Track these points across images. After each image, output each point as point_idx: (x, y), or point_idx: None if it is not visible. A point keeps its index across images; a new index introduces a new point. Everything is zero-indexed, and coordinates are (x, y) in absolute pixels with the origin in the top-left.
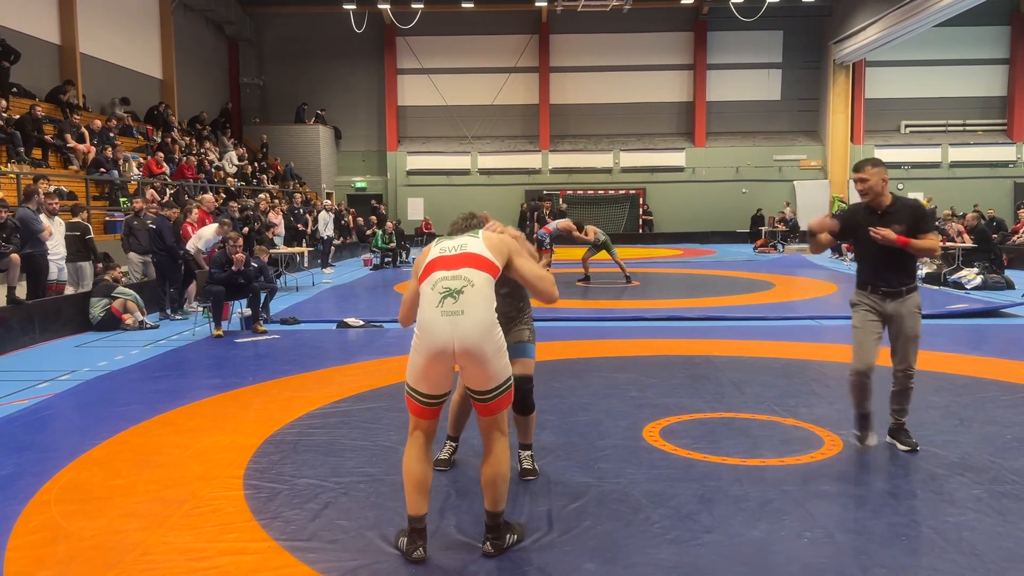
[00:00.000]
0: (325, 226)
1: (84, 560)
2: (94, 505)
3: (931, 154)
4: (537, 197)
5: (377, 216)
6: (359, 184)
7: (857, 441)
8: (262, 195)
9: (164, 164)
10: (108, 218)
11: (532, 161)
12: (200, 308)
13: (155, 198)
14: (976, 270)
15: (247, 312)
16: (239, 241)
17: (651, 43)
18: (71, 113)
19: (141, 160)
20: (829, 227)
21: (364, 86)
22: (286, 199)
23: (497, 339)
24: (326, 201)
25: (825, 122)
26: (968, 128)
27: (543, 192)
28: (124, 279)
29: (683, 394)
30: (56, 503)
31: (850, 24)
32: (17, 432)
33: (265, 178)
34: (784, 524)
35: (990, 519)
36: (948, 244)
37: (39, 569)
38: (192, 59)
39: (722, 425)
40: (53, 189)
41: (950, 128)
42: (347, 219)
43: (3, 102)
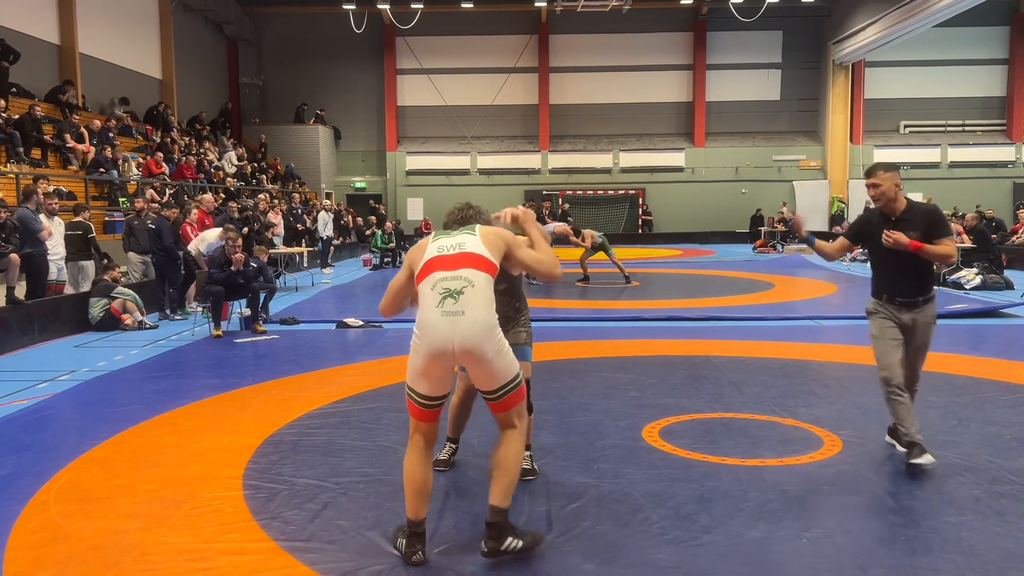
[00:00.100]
0: (324, 226)
1: (83, 560)
2: (93, 505)
3: (930, 154)
4: (540, 197)
5: (376, 216)
6: (358, 184)
7: (907, 465)
8: (261, 195)
9: (163, 164)
10: (107, 218)
11: (532, 161)
12: (199, 308)
13: (154, 198)
14: (975, 270)
15: (246, 312)
16: (238, 241)
17: (650, 43)
18: (70, 113)
19: (140, 160)
20: (801, 233)
21: (364, 86)
22: (285, 199)
23: (497, 339)
24: (325, 201)
25: (824, 122)
26: (967, 128)
27: (543, 192)
28: (124, 279)
29: (682, 394)
30: (55, 503)
31: (849, 24)
32: (16, 432)
33: (264, 178)
34: (783, 524)
35: (989, 519)
36: None
37: (38, 569)
38: (191, 59)
39: (721, 425)
40: (52, 189)
41: (949, 128)
42: (346, 219)
43: (2, 102)
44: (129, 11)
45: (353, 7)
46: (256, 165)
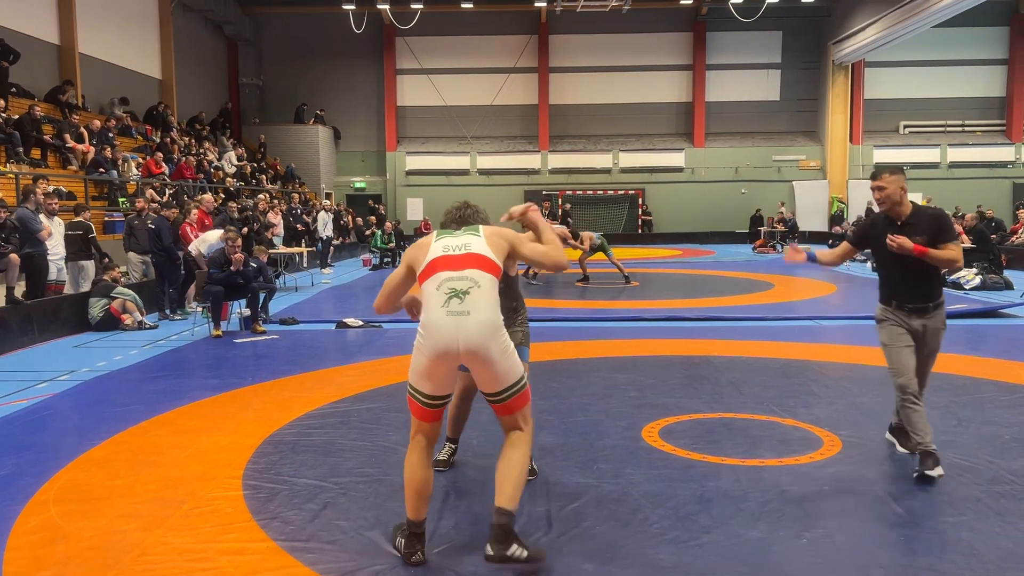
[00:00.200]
0: (324, 226)
1: (83, 560)
2: (93, 505)
3: (930, 154)
4: (540, 197)
5: (376, 216)
6: (358, 184)
7: (915, 473)
8: (261, 195)
9: (163, 164)
10: (107, 218)
11: (531, 161)
12: (199, 308)
13: (154, 198)
14: (975, 270)
15: (246, 312)
16: (238, 241)
17: (650, 43)
18: (70, 113)
19: (140, 160)
20: (801, 260)
21: (363, 86)
22: (285, 199)
23: (503, 340)
24: (325, 201)
25: (824, 122)
26: (967, 129)
27: (542, 192)
28: (124, 279)
29: (682, 394)
30: (55, 503)
31: (849, 24)
32: (16, 432)
33: (264, 178)
34: (783, 524)
35: (989, 519)
36: None
37: (37, 569)
38: (191, 59)
39: (721, 425)
40: (52, 189)
41: (949, 129)
42: (346, 219)
43: (2, 102)
44: (129, 11)
45: (353, 7)
46: (256, 165)
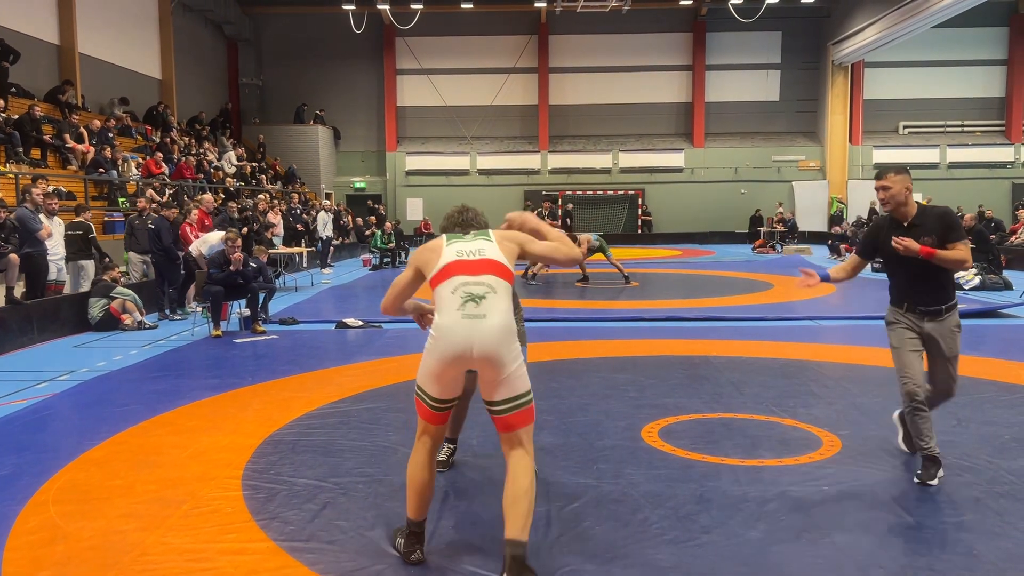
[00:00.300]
0: (324, 226)
1: (82, 561)
2: (92, 506)
3: (929, 155)
4: (540, 198)
5: (376, 216)
6: (358, 184)
7: (916, 479)
8: (261, 195)
9: (163, 164)
10: (107, 218)
11: (531, 162)
12: (199, 308)
13: (154, 198)
14: (974, 271)
15: (246, 312)
16: (237, 241)
17: (650, 44)
18: (70, 113)
19: (140, 160)
20: (814, 283)
21: (363, 86)
22: (285, 200)
23: (516, 347)
24: (325, 201)
25: (823, 123)
26: (966, 129)
27: (542, 192)
28: (123, 279)
29: (682, 394)
30: (54, 503)
31: (849, 25)
32: (16, 432)
33: (264, 178)
34: (782, 525)
35: (988, 519)
36: None
37: (37, 570)
38: (191, 59)
39: (721, 426)
40: (52, 189)
41: (948, 129)
42: (346, 220)
43: (2, 102)
44: (129, 11)
45: (353, 7)
46: (256, 165)
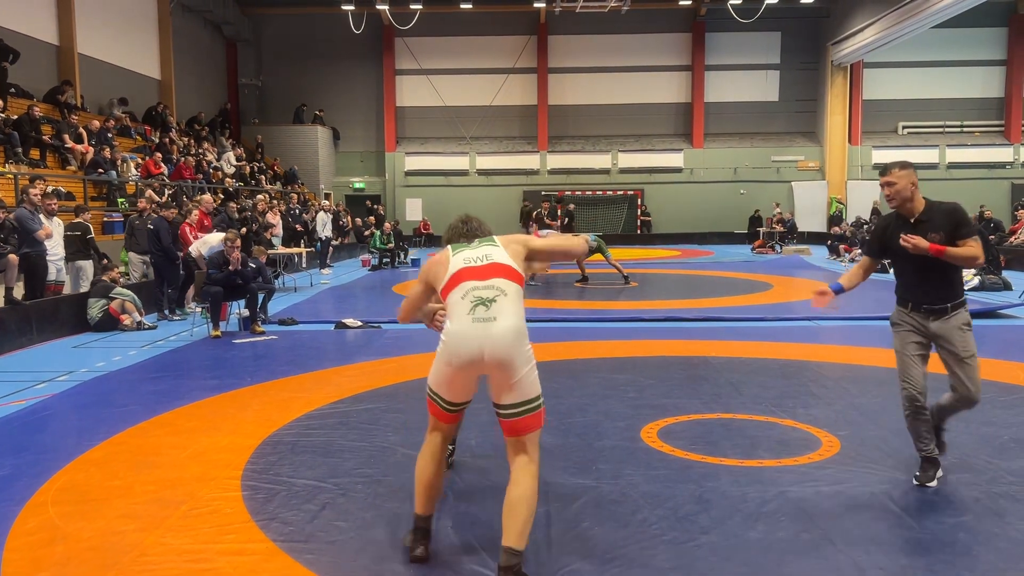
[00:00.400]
0: (323, 227)
1: (81, 561)
2: (92, 506)
3: (929, 155)
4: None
5: (375, 217)
6: (357, 185)
7: (915, 480)
8: (260, 196)
9: (162, 165)
10: (106, 219)
11: (530, 162)
12: (198, 309)
13: (154, 198)
14: (973, 271)
15: (245, 313)
16: (236, 241)
17: (649, 44)
18: (69, 113)
19: (139, 161)
20: (830, 299)
21: (362, 87)
22: (284, 200)
23: (527, 351)
24: (324, 202)
25: (823, 123)
26: (965, 129)
27: (542, 192)
28: (123, 279)
29: (681, 395)
30: (53, 504)
31: (848, 25)
32: (15, 433)
33: (264, 179)
34: (781, 525)
35: (987, 520)
36: None
37: (36, 570)
38: (190, 60)
39: (720, 426)
40: (51, 189)
41: (947, 129)
42: (345, 220)
43: (1, 102)
44: (128, 12)
45: (352, 8)
46: (255, 166)
